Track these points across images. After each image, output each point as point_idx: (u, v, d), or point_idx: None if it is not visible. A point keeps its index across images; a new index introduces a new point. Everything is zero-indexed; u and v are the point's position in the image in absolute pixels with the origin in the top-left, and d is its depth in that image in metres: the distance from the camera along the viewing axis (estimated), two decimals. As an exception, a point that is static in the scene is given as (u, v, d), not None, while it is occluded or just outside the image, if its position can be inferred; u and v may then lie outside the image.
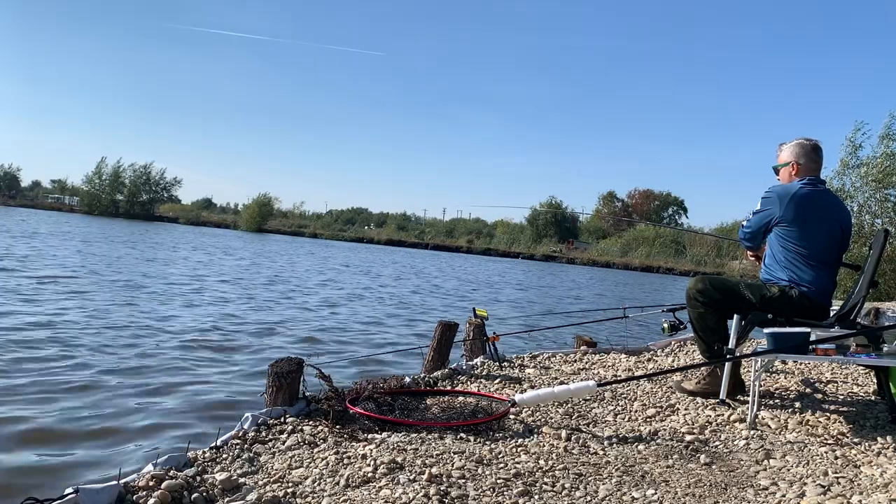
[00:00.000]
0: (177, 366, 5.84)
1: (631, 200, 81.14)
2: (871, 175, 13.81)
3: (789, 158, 3.56)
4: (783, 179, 3.59)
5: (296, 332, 8.33)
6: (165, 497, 2.02)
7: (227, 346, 6.94)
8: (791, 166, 3.54)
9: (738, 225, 3.80)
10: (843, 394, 3.92)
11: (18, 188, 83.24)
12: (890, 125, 13.96)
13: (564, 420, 3.14)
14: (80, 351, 6.02)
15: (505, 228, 68.01)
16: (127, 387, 4.99)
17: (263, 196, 65.77)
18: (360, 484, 2.23)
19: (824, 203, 3.46)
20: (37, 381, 4.90)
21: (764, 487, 2.34)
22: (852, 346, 3.16)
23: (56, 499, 1.89)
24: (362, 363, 6.35)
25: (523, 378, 4.04)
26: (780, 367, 4.56)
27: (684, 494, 2.26)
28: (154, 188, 71.08)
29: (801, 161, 3.52)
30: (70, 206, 72.79)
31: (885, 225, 13.57)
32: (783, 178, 3.59)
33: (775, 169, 3.65)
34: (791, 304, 3.36)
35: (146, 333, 7.14)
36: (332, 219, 75.64)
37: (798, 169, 3.52)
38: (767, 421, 3.19)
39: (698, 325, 3.59)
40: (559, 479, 2.34)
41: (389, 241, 58.56)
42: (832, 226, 3.44)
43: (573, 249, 57.54)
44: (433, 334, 4.41)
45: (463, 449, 2.61)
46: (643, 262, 50.49)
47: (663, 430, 3.03)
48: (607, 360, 4.84)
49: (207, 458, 2.40)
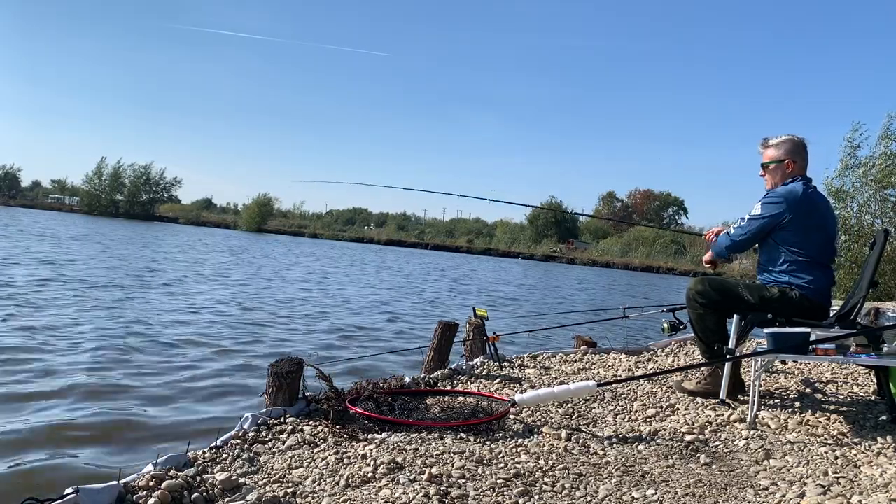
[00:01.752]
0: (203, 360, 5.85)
1: (631, 200, 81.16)
2: (871, 175, 13.82)
3: (784, 156, 3.47)
4: (774, 177, 3.49)
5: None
6: (165, 497, 2.02)
7: (230, 347, 6.94)
8: (786, 164, 3.47)
9: (734, 224, 3.66)
10: (843, 394, 3.92)
11: (18, 188, 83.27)
12: (888, 125, 13.98)
13: (564, 420, 3.14)
14: (83, 351, 6.03)
15: (505, 228, 68.04)
16: (127, 386, 4.99)
17: (263, 196, 65.88)
18: (360, 484, 2.23)
19: (822, 203, 3.48)
20: (36, 381, 4.90)
21: (764, 487, 2.34)
22: (852, 346, 3.16)
23: (56, 499, 1.88)
24: (362, 363, 6.34)
25: (523, 378, 4.04)
26: (780, 367, 4.56)
27: (684, 494, 2.26)
28: (154, 188, 71.15)
29: (796, 159, 3.47)
30: (70, 206, 72.82)
31: (885, 225, 13.57)
32: (774, 175, 3.49)
33: (765, 165, 3.53)
34: (791, 304, 3.36)
35: (152, 331, 7.15)
36: (332, 219, 75.67)
37: (793, 167, 3.46)
38: (767, 421, 3.19)
39: (698, 326, 3.59)
40: (559, 479, 2.34)
41: (389, 241, 58.58)
42: (828, 226, 3.46)
43: (573, 249, 57.57)
44: (433, 334, 4.41)
45: (463, 449, 2.61)
46: (643, 263, 50.53)
47: (663, 430, 3.03)
48: (607, 360, 4.84)
49: (207, 458, 2.40)
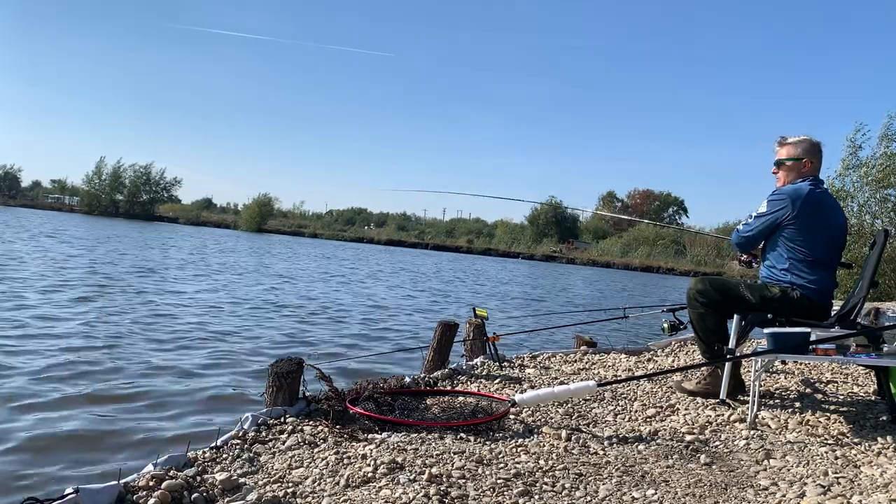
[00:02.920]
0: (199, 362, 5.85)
1: (631, 200, 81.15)
2: (872, 175, 13.82)
3: (802, 154, 3.47)
4: (788, 175, 3.48)
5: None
6: (165, 497, 2.02)
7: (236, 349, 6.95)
8: (803, 163, 3.47)
9: (743, 222, 3.67)
10: (843, 394, 3.92)
11: (18, 188, 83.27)
12: (889, 125, 13.99)
13: (564, 420, 3.14)
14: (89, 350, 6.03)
15: (505, 228, 68.02)
16: (128, 386, 4.99)
17: (263, 196, 65.87)
18: (360, 484, 2.23)
19: (829, 204, 3.47)
20: (36, 381, 4.90)
21: (764, 487, 2.34)
22: (852, 346, 3.16)
23: (56, 499, 1.88)
24: (362, 363, 6.34)
25: (523, 378, 4.04)
26: (780, 367, 4.56)
27: (684, 494, 2.26)
28: (154, 188, 71.10)
29: (812, 160, 3.48)
30: (70, 206, 72.80)
31: (885, 225, 13.57)
32: (789, 173, 3.48)
33: (781, 162, 3.52)
34: (792, 304, 3.35)
35: (152, 331, 7.15)
36: (332, 219, 75.65)
37: (809, 167, 3.47)
38: (767, 421, 3.19)
39: (698, 326, 3.59)
40: (559, 479, 2.34)
41: (390, 241, 58.55)
42: (834, 227, 3.45)
43: (573, 249, 57.55)
44: (433, 334, 4.41)
45: (463, 449, 2.61)
46: (643, 263, 50.52)
47: (663, 430, 3.03)
48: (607, 360, 4.84)
49: (207, 458, 2.40)
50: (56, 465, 3.45)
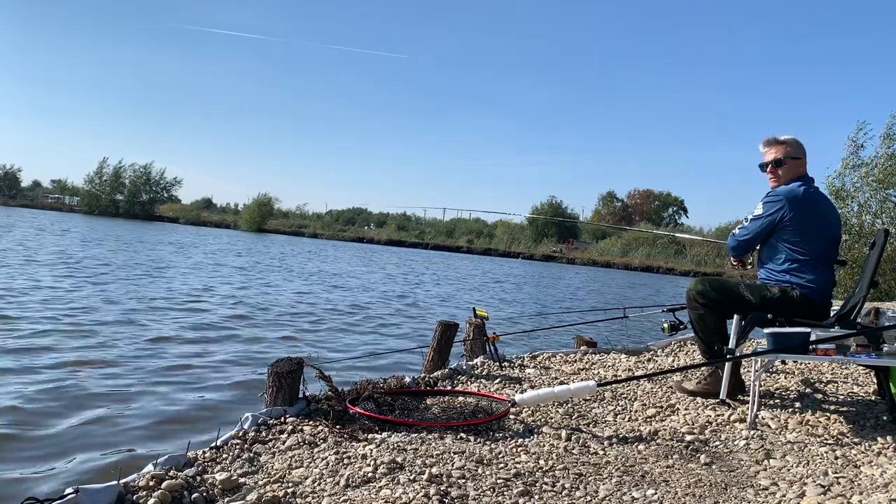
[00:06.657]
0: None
1: (631, 200, 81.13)
2: (874, 175, 13.80)
3: (801, 153, 3.51)
4: (787, 174, 3.48)
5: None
6: (165, 497, 2.02)
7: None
8: (801, 161, 3.51)
9: (739, 225, 3.69)
10: (843, 394, 3.92)
11: (18, 188, 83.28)
12: (891, 125, 13.94)
13: (564, 420, 3.14)
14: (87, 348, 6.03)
15: (505, 228, 67.97)
16: (128, 386, 4.99)
17: (263, 196, 65.87)
18: (361, 484, 2.23)
19: (823, 203, 3.50)
20: (34, 382, 4.90)
21: (764, 487, 2.34)
22: (852, 346, 3.16)
23: (56, 499, 1.88)
24: (362, 364, 6.34)
25: (523, 378, 4.04)
26: (780, 367, 4.56)
27: (684, 494, 2.26)
28: (154, 188, 71.14)
29: (805, 158, 3.52)
30: (70, 206, 72.81)
31: (885, 225, 13.57)
32: (788, 172, 3.48)
33: (781, 162, 3.49)
34: (792, 304, 3.36)
35: (150, 330, 7.15)
36: (333, 219, 75.59)
37: (804, 166, 3.51)
38: (767, 421, 3.19)
39: (698, 326, 3.59)
40: (559, 479, 2.34)
41: (390, 242, 58.51)
42: (830, 225, 3.47)
43: (573, 249, 57.50)
44: (433, 334, 4.41)
45: (463, 449, 2.61)
46: (643, 263, 50.49)
47: (663, 430, 3.03)
48: (607, 360, 4.84)
49: (207, 458, 2.40)
50: (56, 465, 3.45)
